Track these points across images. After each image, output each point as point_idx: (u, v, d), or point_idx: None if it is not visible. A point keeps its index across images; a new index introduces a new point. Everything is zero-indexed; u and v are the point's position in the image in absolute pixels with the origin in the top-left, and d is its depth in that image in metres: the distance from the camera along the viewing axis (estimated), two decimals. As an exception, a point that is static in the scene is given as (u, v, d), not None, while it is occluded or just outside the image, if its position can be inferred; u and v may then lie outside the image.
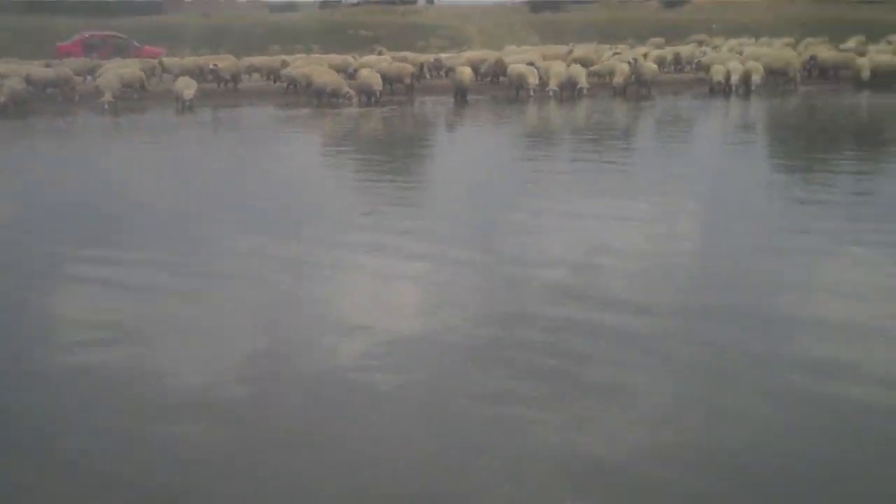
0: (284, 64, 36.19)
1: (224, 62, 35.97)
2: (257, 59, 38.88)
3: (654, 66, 34.86)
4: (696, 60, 37.29)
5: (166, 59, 37.61)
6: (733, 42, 44.49)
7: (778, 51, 38.85)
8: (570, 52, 38.29)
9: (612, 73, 33.58)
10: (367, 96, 31.02)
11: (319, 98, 30.97)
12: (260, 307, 9.40)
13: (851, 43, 41.67)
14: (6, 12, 52.66)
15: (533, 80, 31.60)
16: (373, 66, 33.68)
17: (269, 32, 50.28)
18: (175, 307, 9.40)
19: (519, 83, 32.20)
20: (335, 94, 30.93)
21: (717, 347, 7.90)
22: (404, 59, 36.19)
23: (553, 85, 31.71)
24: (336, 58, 37.43)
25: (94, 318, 8.99)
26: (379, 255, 11.18)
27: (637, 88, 33.14)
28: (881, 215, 12.72)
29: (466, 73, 32.41)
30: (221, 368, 7.68)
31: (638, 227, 12.56)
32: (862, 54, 37.14)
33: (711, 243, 11.88)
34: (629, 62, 34.17)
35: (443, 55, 38.46)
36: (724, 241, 11.86)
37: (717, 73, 32.90)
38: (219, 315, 9.17)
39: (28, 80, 31.66)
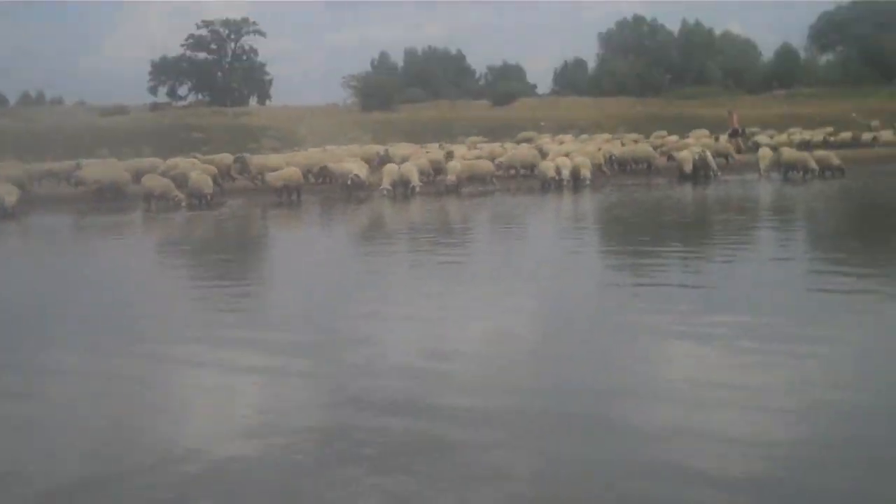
0: (78, 167, 34.88)
1: (8, 170, 33.66)
2: (55, 165, 36.75)
3: (489, 164, 35.41)
4: (497, 160, 37.83)
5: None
6: (545, 139, 45.82)
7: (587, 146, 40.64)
8: (386, 151, 38.55)
9: (444, 172, 33.93)
10: (198, 199, 30.52)
11: (148, 202, 30.29)
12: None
13: (675, 137, 43.58)
14: None
15: (362, 175, 31.76)
16: (179, 167, 33.26)
17: (98, 136, 49.14)
18: None
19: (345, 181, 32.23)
20: (163, 197, 30.33)
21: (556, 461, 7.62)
22: (211, 161, 35.69)
23: (386, 184, 31.79)
24: (143, 161, 36.96)
25: None
26: (206, 366, 10.58)
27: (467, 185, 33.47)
28: (709, 305, 12.89)
29: (276, 176, 31.90)
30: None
31: (475, 324, 12.41)
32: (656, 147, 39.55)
33: (548, 338, 11.76)
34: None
35: (245, 155, 37.63)
36: (562, 336, 11.75)
37: (548, 169, 33.61)
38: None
39: None
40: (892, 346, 10.39)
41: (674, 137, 45.79)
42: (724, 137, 45.02)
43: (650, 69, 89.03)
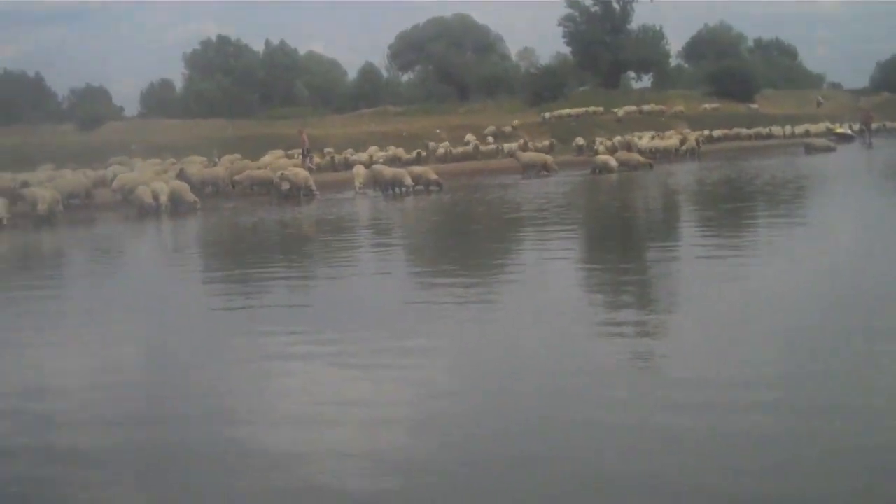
0: None
1: None
2: None
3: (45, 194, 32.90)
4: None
5: None
6: (138, 162, 45.02)
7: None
8: None
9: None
10: None
11: None
12: None
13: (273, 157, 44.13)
14: None
15: None
16: None
17: None
18: None
19: None
20: None
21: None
22: None
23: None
24: None
25: None
26: None
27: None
28: (316, 323, 13.02)
29: None
30: None
31: (76, 360, 11.86)
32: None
33: (156, 367, 11.42)
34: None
35: None
36: (170, 364, 11.40)
37: (145, 194, 32.79)
38: None
39: None
40: (491, 352, 10.86)
41: (271, 157, 46.34)
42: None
43: (238, 89, 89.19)
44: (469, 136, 59.81)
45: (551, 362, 10.05)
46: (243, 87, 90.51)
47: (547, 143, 57.33)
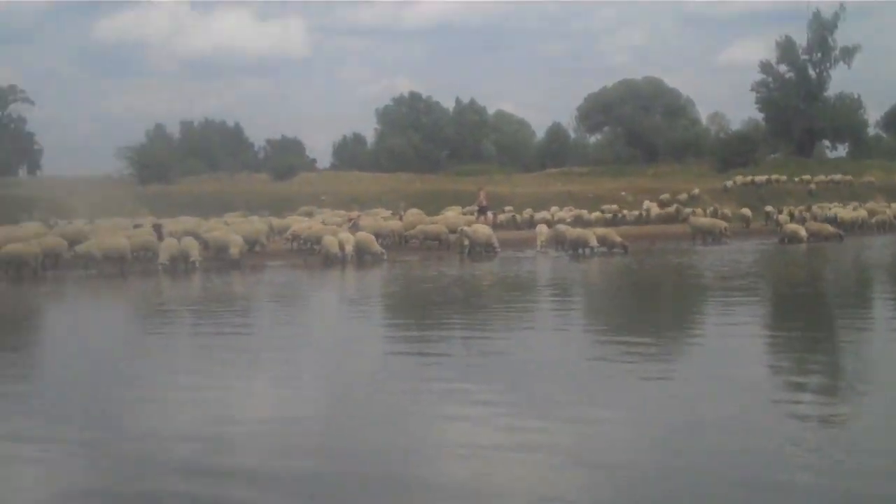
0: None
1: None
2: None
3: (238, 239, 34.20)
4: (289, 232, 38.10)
5: None
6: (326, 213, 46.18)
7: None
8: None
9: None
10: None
11: None
12: None
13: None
14: None
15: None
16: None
17: None
18: None
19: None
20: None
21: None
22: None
23: (163, 258, 31.01)
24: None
25: None
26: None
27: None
28: (495, 373, 13.12)
29: None
30: None
31: (272, 391, 12.49)
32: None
33: (335, 407, 11.76)
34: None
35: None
36: (357, 401, 11.78)
37: (332, 244, 33.49)
38: None
39: None
40: (670, 409, 10.81)
41: (453, 213, 46.77)
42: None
43: (427, 146, 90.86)
44: (648, 203, 58.84)
45: (730, 422, 9.96)
46: (433, 144, 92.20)
47: (748, 211, 55.84)
